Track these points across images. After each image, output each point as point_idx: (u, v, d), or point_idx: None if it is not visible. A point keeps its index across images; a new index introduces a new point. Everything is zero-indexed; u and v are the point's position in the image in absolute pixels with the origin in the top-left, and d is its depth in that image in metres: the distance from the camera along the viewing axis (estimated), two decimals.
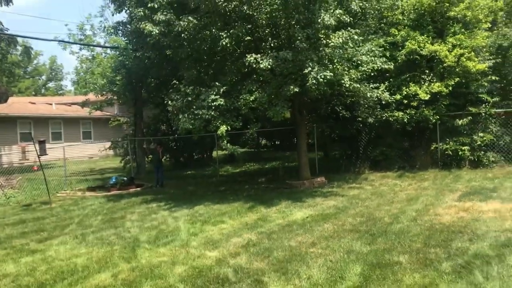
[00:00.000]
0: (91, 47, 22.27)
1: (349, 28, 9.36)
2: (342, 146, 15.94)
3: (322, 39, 9.52)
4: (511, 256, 4.92)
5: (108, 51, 20.68)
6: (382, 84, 12.34)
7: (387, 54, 12.89)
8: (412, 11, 13.19)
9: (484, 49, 12.67)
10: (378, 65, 10.29)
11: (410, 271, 4.78)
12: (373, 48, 10.07)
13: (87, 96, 23.61)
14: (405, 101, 12.57)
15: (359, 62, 9.87)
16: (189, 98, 10.06)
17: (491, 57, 12.61)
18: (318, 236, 6.59)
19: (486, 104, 12.50)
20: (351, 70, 9.93)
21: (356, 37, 9.32)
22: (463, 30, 12.62)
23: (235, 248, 6.22)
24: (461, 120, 12.42)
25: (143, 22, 10.21)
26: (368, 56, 9.83)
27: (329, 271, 4.95)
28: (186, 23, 9.84)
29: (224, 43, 9.72)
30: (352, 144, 14.84)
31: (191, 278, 5.07)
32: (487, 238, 5.74)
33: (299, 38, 9.34)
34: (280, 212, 8.68)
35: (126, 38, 16.43)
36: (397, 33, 12.95)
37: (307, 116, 14.40)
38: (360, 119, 13.23)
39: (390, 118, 12.69)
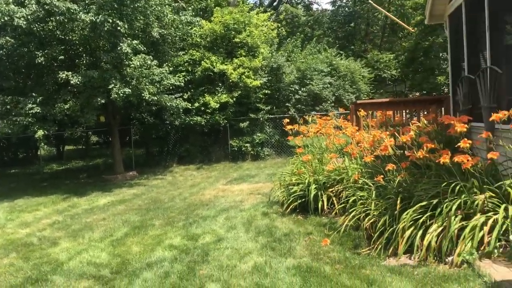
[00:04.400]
0: None
1: (143, 55, 11.99)
2: (158, 144, 18.62)
3: (124, 61, 11.97)
4: (221, 216, 8.02)
5: None
6: (185, 94, 15.43)
7: (189, 69, 16.02)
8: (208, 35, 16.37)
9: (261, 69, 16.44)
10: (171, 82, 13.15)
11: (156, 228, 7.58)
12: (163, 71, 12.82)
13: None
14: (203, 108, 15.73)
15: (154, 80, 12.56)
16: (8, 107, 11.68)
17: (265, 75, 16.44)
18: (109, 214, 9.09)
19: (262, 111, 16.32)
20: (150, 86, 12.57)
21: (149, 62, 12.01)
22: (248, 53, 16.23)
23: (43, 226, 8.40)
24: (243, 124, 16.00)
25: None
26: (159, 76, 12.58)
27: (105, 232, 7.49)
28: (4, 42, 11.43)
29: (39, 61, 11.57)
30: (164, 143, 17.60)
31: (4, 246, 7.17)
32: (217, 207, 8.87)
33: (104, 60, 11.68)
34: (88, 201, 10.96)
35: None
36: (195, 53, 16.04)
37: (129, 119, 16.82)
38: (168, 122, 16.04)
39: (191, 122, 15.72)
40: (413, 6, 23.01)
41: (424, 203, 5.05)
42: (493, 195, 4.80)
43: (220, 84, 16.11)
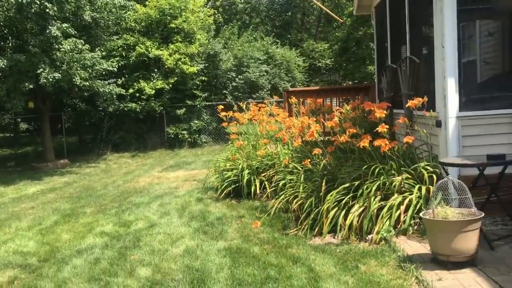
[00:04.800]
0: None
1: (74, 39, 11.59)
2: (91, 131, 18.10)
3: (53, 45, 11.51)
4: (155, 202, 8.00)
5: None
6: (119, 80, 15.11)
7: (124, 54, 15.66)
8: (143, 20, 16.05)
9: (198, 56, 16.37)
10: (104, 67, 12.81)
11: (88, 216, 7.45)
12: (95, 55, 12.47)
13: None
14: (138, 94, 15.45)
15: (86, 65, 12.19)
16: None
17: (202, 62, 16.39)
18: (39, 203, 8.81)
19: (200, 98, 16.29)
20: (81, 71, 12.18)
21: (80, 46, 11.63)
22: (184, 39, 16.08)
23: None
24: (180, 111, 15.90)
25: None
26: (91, 61, 12.22)
27: (33, 221, 7.27)
28: None
29: None
30: (98, 130, 17.14)
31: None
32: (151, 194, 8.84)
33: (31, 43, 11.18)
34: (16, 189, 10.54)
35: None
36: (129, 38, 15.68)
37: (61, 106, 16.21)
38: (101, 108, 15.62)
39: (126, 108, 15.41)
40: None
41: (347, 185, 5.34)
42: (409, 176, 5.15)
43: (156, 70, 15.88)
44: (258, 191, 7.38)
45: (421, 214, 4.12)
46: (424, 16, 5.90)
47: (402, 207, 4.84)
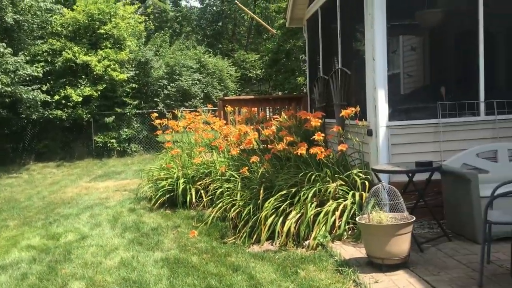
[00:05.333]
0: None
1: None
2: (12, 140, 16.99)
3: None
4: (85, 214, 7.67)
5: None
6: (44, 86, 14.37)
7: (49, 59, 14.94)
8: (70, 24, 15.42)
9: (129, 62, 15.97)
10: (28, 72, 12.15)
11: (11, 229, 7.00)
12: (18, 60, 11.80)
13: None
14: (64, 101, 14.76)
15: (8, 69, 11.50)
16: None
17: (133, 69, 16.02)
18: None
19: (130, 105, 15.88)
20: (2, 76, 11.47)
21: (2, 49, 10.96)
22: (114, 45, 15.62)
23: None
24: (109, 118, 15.40)
25: None
26: (13, 66, 11.55)
27: None
28: None
29: None
30: (20, 138, 16.14)
31: None
32: (80, 205, 8.46)
33: None
34: None
35: None
36: (56, 42, 15.00)
37: None
38: (24, 116, 14.75)
39: (51, 116, 14.67)
40: (276, 10, 24.21)
41: (284, 192, 5.44)
42: (343, 183, 5.35)
43: (84, 77, 15.27)
44: (194, 200, 7.30)
45: (357, 219, 4.28)
46: (355, 30, 6.18)
47: (337, 213, 5.01)
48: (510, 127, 5.35)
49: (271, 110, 10.00)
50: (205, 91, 17.84)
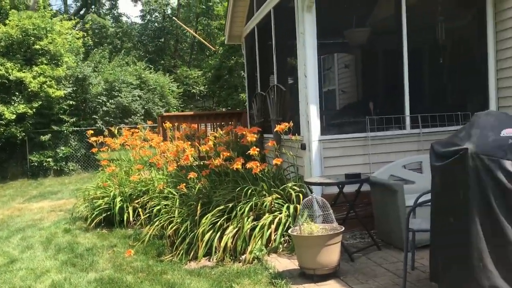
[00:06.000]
0: None
1: None
2: None
3: None
4: (16, 236, 7.33)
5: None
6: None
7: None
8: (2, 39, 14.83)
9: (66, 79, 15.54)
10: None
11: None
12: None
13: None
14: None
15: None
16: None
17: (70, 85, 15.60)
18: None
19: (67, 123, 15.41)
20: None
21: None
22: (50, 61, 15.15)
23: None
24: (45, 136, 14.86)
25: None
26: None
27: None
28: None
29: None
30: None
31: None
32: (12, 227, 8.07)
33: None
34: None
35: None
36: None
37: None
38: None
39: None
40: (218, 27, 24.40)
41: (221, 207, 5.46)
42: (279, 196, 5.45)
43: (18, 93, 14.68)
44: (131, 219, 7.17)
45: (289, 231, 4.37)
46: (289, 48, 6.37)
47: (273, 226, 5.09)
48: (433, 140, 5.67)
49: (214, 126, 10.04)
50: (145, 107, 17.59)
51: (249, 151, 5.52)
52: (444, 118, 5.66)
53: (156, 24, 30.42)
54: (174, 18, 21.39)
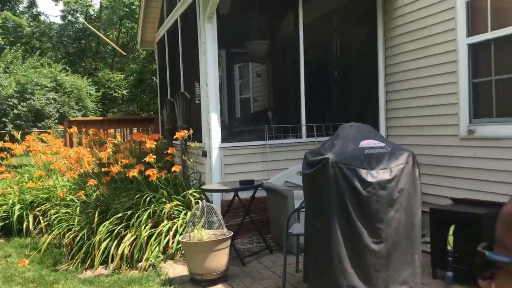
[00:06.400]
0: None
1: None
2: None
3: None
4: None
5: None
6: None
7: None
8: None
9: None
10: None
11: None
12: None
13: None
14: None
15: None
16: None
17: None
18: None
19: None
20: None
21: None
22: None
23: None
24: None
25: None
26: None
27: None
28: None
29: None
30: None
31: None
32: None
33: None
34: None
35: None
36: None
37: None
38: None
39: None
40: None
41: (120, 214, 5.41)
42: (179, 203, 5.49)
43: None
44: (32, 227, 6.90)
45: (179, 238, 4.44)
46: (193, 56, 6.46)
47: (171, 233, 5.13)
48: None
49: (125, 131, 9.88)
50: (60, 111, 16.95)
51: (144, 159, 5.53)
52: (337, 128, 5.97)
53: (77, 26, 29.38)
54: (84, 22, 20.76)
